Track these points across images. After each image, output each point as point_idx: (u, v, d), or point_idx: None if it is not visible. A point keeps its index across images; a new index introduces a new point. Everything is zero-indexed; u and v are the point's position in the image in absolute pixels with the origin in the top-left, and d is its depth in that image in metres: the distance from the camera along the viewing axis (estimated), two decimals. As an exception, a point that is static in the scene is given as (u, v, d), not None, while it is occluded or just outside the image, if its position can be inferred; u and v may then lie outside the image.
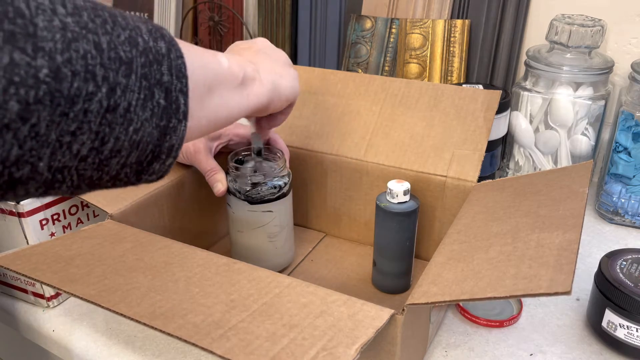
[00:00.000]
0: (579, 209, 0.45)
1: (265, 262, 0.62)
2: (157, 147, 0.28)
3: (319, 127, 0.69)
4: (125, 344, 0.54)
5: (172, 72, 0.28)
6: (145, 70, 0.26)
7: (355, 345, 0.35)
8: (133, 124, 0.26)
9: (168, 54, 0.28)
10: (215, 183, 0.60)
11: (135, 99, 0.26)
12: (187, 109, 0.29)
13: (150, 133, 0.27)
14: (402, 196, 0.57)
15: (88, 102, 0.24)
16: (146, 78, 0.26)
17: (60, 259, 0.45)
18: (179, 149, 0.30)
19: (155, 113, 0.27)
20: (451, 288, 0.39)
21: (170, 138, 0.29)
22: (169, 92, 0.28)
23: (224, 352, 0.34)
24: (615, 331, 0.51)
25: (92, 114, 0.24)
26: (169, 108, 0.28)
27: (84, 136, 0.24)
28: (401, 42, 0.92)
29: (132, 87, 0.26)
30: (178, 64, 0.28)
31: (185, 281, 0.42)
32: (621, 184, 0.73)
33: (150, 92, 0.27)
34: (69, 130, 0.24)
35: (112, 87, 0.25)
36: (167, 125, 0.28)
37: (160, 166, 0.30)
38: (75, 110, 0.23)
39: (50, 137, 0.23)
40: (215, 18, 1.10)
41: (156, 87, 0.27)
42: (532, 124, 0.77)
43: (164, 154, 0.29)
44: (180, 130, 0.29)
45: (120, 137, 0.26)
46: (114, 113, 0.25)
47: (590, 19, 0.75)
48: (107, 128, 0.25)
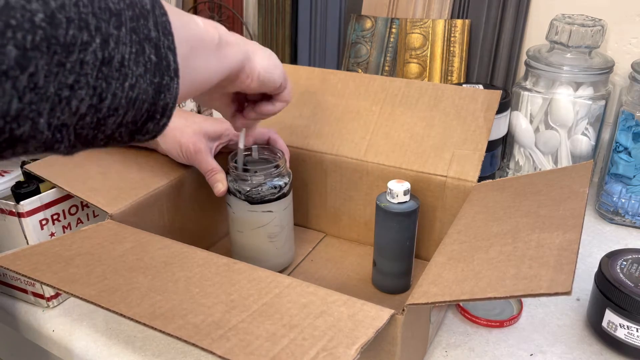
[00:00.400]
0: (579, 209, 0.45)
1: (265, 262, 0.62)
2: (152, 105, 0.28)
3: (319, 127, 0.69)
4: (125, 344, 0.54)
5: (159, 29, 0.28)
6: (133, 24, 0.26)
7: (355, 346, 0.35)
8: (128, 79, 0.26)
9: (153, 10, 0.28)
10: (216, 183, 0.60)
11: (128, 52, 0.26)
12: (177, 66, 0.29)
13: (145, 90, 0.27)
14: (402, 196, 0.57)
15: (83, 52, 0.24)
16: (135, 32, 0.26)
17: (60, 259, 0.45)
18: (173, 108, 0.30)
19: (149, 69, 0.27)
20: (451, 288, 0.39)
21: (165, 96, 0.29)
22: (159, 49, 0.28)
23: (224, 352, 0.34)
24: (616, 331, 0.51)
25: (89, 65, 0.24)
26: (160, 64, 0.28)
27: (82, 91, 0.24)
28: (401, 42, 0.92)
29: (123, 39, 0.25)
30: (163, 21, 0.28)
31: (185, 281, 0.42)
32: (621, 184, 0.73)
33: (141, 46, 0.26)
34: (67, 83, 0.24)
35: (105, 39, 0.24)
36: (160, 82, 0.28)
37: (154, 126, 0.30)
38: (72, 60, 0.23)
39: (49, 90, 0.23)
40: (215, 18, 1.10)
41: (145, 42, 0.27)
42: (532, 124, 0.77)
43: (158, 113, 0.29)
44: (174, 88, 0.29)
45: (117, 93, 0.26)
46: (109, 66, 0.25)
47: (591, 19, 0.75)
48: (103, 82, 0.25)
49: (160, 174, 0.62)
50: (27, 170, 0.57)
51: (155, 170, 0.62)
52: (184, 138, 0.60)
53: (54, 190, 0.57)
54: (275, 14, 1.03)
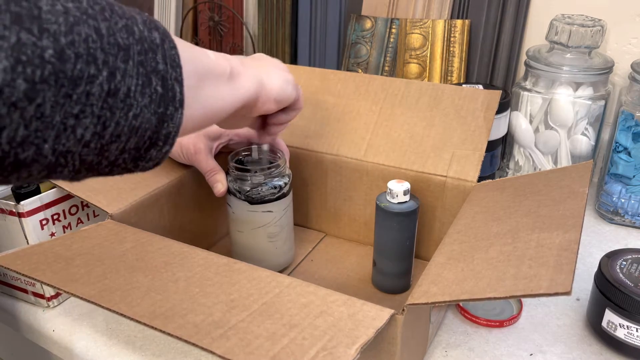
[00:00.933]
0: (579, 209, 0.45)
1: (265, 262, 0.62)
2: (155, 133, 0.29)
3: (319, 127, 0.69)
4: (125, 344, 0.54)
5: (167, 62, 0.29)
6: (141, 57, 0.27)
7: (355, 345, 0.35)
8: (133, 109, 0.27)
9: (162, 44, 0.29)
10: (215, 183, 0.60)
11: (134, 84, 0.27)
12: (182, 97, 0.30)
13: (148, 119, 0.28)
14: (402, 196, 0.57)
15: (90, 84, 0.25)
16: (143, 65, 0.27)
17: (61, 259, 0.45)
18: (176, 137, 0.31)
19: (154, 100, 0.28)
20: (451, 288, 0.39)
21: (168, 125, 0.30)
22: (165, 80, 0.29)
23: (224, 351, 0.34)
24: (615, 331, 0.51)
25: (94, 97, 0.25)
26: (166, 95, 0.29)
27: (87, 120, 0.25)
28: (401, 42, 0.92)
29: (130, 72, 0.26)
30: (172, 54, 0.29)
31: (186, 281, 0.42)
32: (621, 184, 0.73)
33: (147, 78, 0.27)
34: (73, 113, 0.24)
35: (112, 72, 0.25)
36: (164, 112, 0.29)
37: (157, 153, 0.31)
38: (78, 92, 0.24)
39: (55, 119, 0.24)
40: (215, 18, 1.10)
41: (153, 74, 0.28)
42: (532, 124, 0.77)
43: (161, 141, 0.30)
44: (177, 117, 0.30)
45: (121, 122, 0.27)
46: (115, 97, 0.26)
47: (590, 19, 0.75)
48: (108, 112, 0.26)
49: (160, 174, 0.62)
50: (27, 170, 0.57)
51: (155, 170, 0.62)
52: (184, 138, 0.60)
53: (54, 190, 0.57)
54: (275, 14, 1.03)
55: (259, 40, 1.07)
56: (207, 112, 0.36)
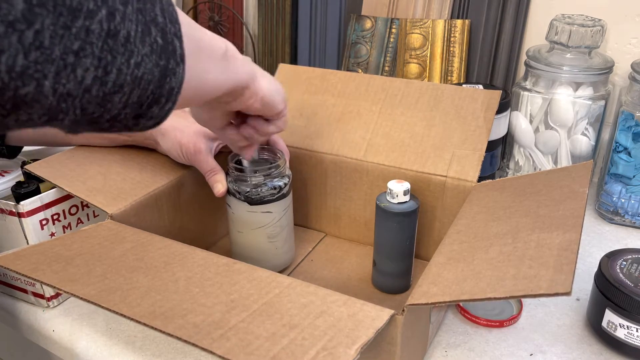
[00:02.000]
0: (579, 209, 0.45)
1: (265, 262, 0.62)
2: (157, 88, 0.29)
3: (319, 127, 0.69)
4: (125, 344, 0.54)
5: (165, 16, 0.28)
6: (140, 5, 0.26)
7: (355, 346, 0.35)
8: (134, 57, 0.26)
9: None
10: (215, 184, 0.60)
11: (134, 30, 0.26)
12: (183, 52, 0.29)
13: (151, 70, 0.28)
14: (402, 196, 0.57)
15: (89, 19, 0.24)
16: (142, 13, 0.26)
17: (61, 259, 0.45)
18: (178, 94, 0.30)
19: (154, 50, 0.27)
20: (451, 288, 0.39)
21: (170, 80, 0.29)
22: (165, 33, 0.28)
23: (224, 352, 0.34)
24: (615, 331, 0.51)
25: (94, 35, 0.24)
26: (166, 48, 0.28)
27: (87, 60, 0.25)
28: (401, 42, 0.92)
29: (129, 16, 0.26)
30: (170, 10, 0.29)
31: (185, 281, 0.42)
32: (621, 184, 0.73)
33: (146, 27, 0.27)
34: (73, 49, 0.24)
35: (111, 12, 0.25)
36: (166, 65, 0.28)
37: (159, 110, 0.30)
38: (77, 25, 0.24)
39: (55, 53, 0.23)
40: (215, 18, 1.10)
41: (152, 24, 0.27)
42: (532, 124, 0.77)
43: (164, 97, 0.29)
44: (179, 73, 0.29)
45: (123, 68, 0.26)
46: (115, 39, 0.25)
47: (590, 19, 0.75)
48: (109, 55, 0.25)
49: (160, 174, 0.62)
50: (27, 170, 0.57)
51: (156, 170, 0.62)
52: (184, 138, 0.60)
53: (54, 190, 0.57)
54: (275, 14, 1.03)
55: (259, 40, 1.07)
56: (199, 84, 0.35)
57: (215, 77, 0.37)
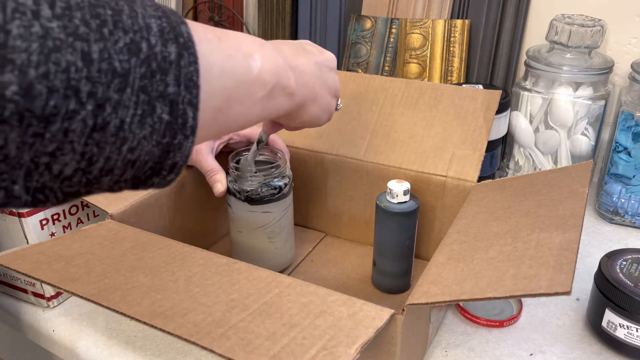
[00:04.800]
0: (579, 208, 0.45)
1: (265, 262, 0.62)
2: (157, 164, 0.26)
3: (319, 127, 0.69)
4: (125, 343, 0.54)
5: (180, 82, 0.25)
6: (144, 82, 0.23)
7: (355, 345, 0.35)
8: (128, 143, 0.24)
9: (178, 61, 0.25)
10: (215, 183, 0.60)
11: (131, 115, 0.23)
12: (195, 124, 0.26)
13: (149, 151, 0.25)
14: (402, 196, 0.57)
15: (68, 120, 0.21)
16: (145, 91, 0.23)
17: (61, 258, 0.45)
18: (182, 167, 0.27)
19: (157, 130, 0.24)
20: (451, 288, 0.39)
21: (174, 155, 0.26)
22: (175, 105, 0.25)
23: (224, 351, 0.34)
24: (615, 331, 0.51)
25: (75, 133, 0.22)
26: (173, 123, 0.25)
27: (66, 157, 0.22)
28: (401, 42, 0.92)
29: (125, 102, 0.23)
30: (189, 72, 0.25)
31: (186, 281, 0.42)
32: (621, 184, 0.73)
33: (150, 106, 0.24)
34: (46, 152, 0.21)
35: (99, 104, 0.22)
36: (170, 142, 0.25)
37: (161, 180, 0.27)
38: (53, 130, 0.21)
39: (23, 159, 0.21)
40: (215, 18, 1.10)
41: (158, 100, 0.24)
42: (532, 124, 0.77)
43: (165, 170, 0.27)
44: (187, 147, 0.26)
45: (112, 156, 0.24)
46: (103, 132, 0.22)
47: (590, 19, 0.75)
48: (94, 148, 0.23)
49: (160, 174, 0.62)
50: (27, 170, 0.57)
51: (156, 170, 0.62)
52: None
53: (54, 190, 0.57)
54: (275, 14, 1.03)
55: (259, 40, 1.07)
56: (225, 129, 0.32)
57: (248, 118, 0.33)
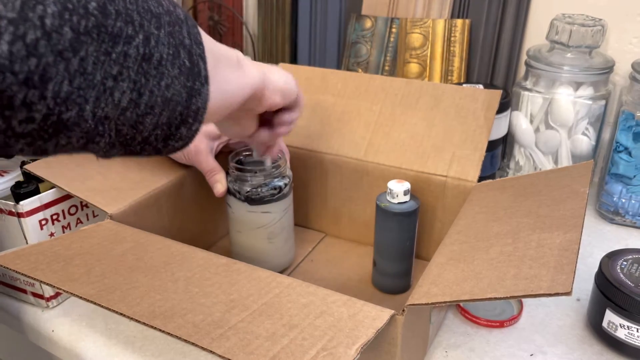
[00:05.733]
0: (580, 209, 0.45)
1: (264, 262, 0.61)
2: (185, 108, 0.30)
3: (319, 127, 0.69)
4: (124, 344, 0.54)
5: (191, 38, 0.30)
6: (170, 28, 0.28)
7: (355, 346, 0.35)
8: (165, 79, 0.28)
9: (186, 21, 0.30)
10: (215, 184, 0.60)
11: (166, 53, 0.28)
12: (207, 74, 0.31)
13: (179, 92, 0.29)
14: (402, 196, 0.57)
15: (128, 45, 0.25)
16: (172, 36, 0.28)
17: (60, 259, 0.45)
18: (204, 114, 0.31)
19: (183, 72, 0.29)
20: (452, 288, 0.39)
21: (196, 100, 0.30)
22: (191, 55, 0.29)
23: (223, 351, 0.34)
24: (616, 331, 0.51)
25: (131, 59, 0.26)
26: (193, 70, 0.30)
27: (124, 83, 0.26)
28: (401, 41, 0.92)
29: (162, 40, 0.27)
30: (195, 32, 0.30)
31: (185, 281, 0.42)
32: (622, 184, 0.73)
33: (176, 50, 0.28)
34: (112, 74, 0.25)
35: (147, 36, 0.26)
36: (192, 86, 0.30)
37: (187, 131, 0.31)
38: (117, 51, 0.25)
39: (96, 78, 0.25)
40: (215, 18, 1.10)
41: (180, 47, 0.29)
42: (532, 123, 0.77)
43: (190, 117, 0.31)
44: (204, 93, 0.31)
45: (154, 90, 0.28)
46: (149, 63, 0.27)
47: (591, 19, 0.75)
48: (143, 78, 0.27)
49: (160, 174, 0.62)
50: (26, 170, 0.57)
51: (155, 170, 0.62)
52: None
53: (54, 190, 0.56)
54: (275, 14, 1.03)
55: (259, 40, 1.07)
56: (223, 96, 0.36)
57: (236, 83, 0.38)
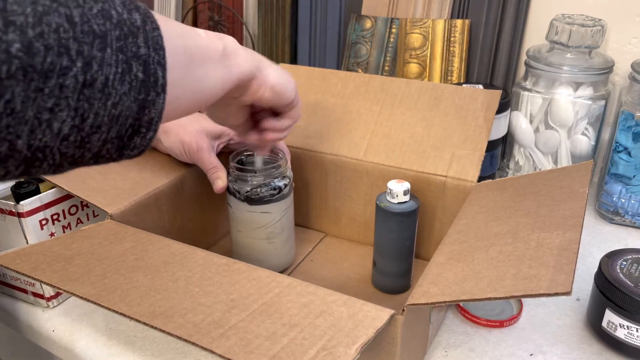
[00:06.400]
0: (579, 208, 0.45)
1: (264, 262, 0.61)
2: (136, 120, 0.28)
3: (319, 127, 0.69)
4: (125, 344, 0.54)
5: (149, 44, 0.28)
6: (120, 43, 0.26)
7: (355, 345, 0.35)
8: (112, 98, 0.26)
9: (144, 26, 0.28)
10: (216, 180, 0.60)
11: (113, 72, 0.26)
12: (165, 82, 0.29)
13: (129, 107, 0.27)
14: (402, 196, 0.57)
15: (63, 76, 0.24)
16: (122, 51, 0.26)
17: (60, 258, 0.45)
18: (159, 123, 0.30)
19: (134, 86, 0.27)
20: (451, 288, 0.39)
21: (150, 111, 0.29)
22: (147, 65, 0.28)
23: (223, 351, 0.34)
24: (616, 331, 0.51)
25: (69, 89, 0.24)
26: (147, 81, 0.28)
27: (63, 113, 0.24)
28: (401, 42, 0.92)
29: (108, 60, 0.25)
30: (154, 36, 0.28)
31: (185, 281, 0.42)
32: (621, 184, 0.73)
33: (127, 65, 0.27)
34: (47, 107, 0.24)
35: (87, 62, 0.25)
36: (145, 98, 0.28)
37: (141, 140, 0.30)
38: (50, 85, 0.23)
39: (28, 114, 0.23)
40: (215, 18, 1.10)
41: (133, 60, 0.27)
42: (532, 123, 0.77)
43: (144, 127, 0.29)
44: (159, 103, 0.29)
45: (100, 112, 0.26)
46: (92, 88, 0.25)
47: (591, 19, 0.75)
48: (85, 104, 0.25)
49: (160, 174, 0.62)
50: (27, 170, 0.57)
51: (156, 170, 0.62)
52: (186, 136, 0.60)
53: (54, 190, 0.57)
54: (275, 14, 1.03)
55: (259, 40, 1.07)
56: (196, 93, 0.35)
57: (216, 78, 0.36)
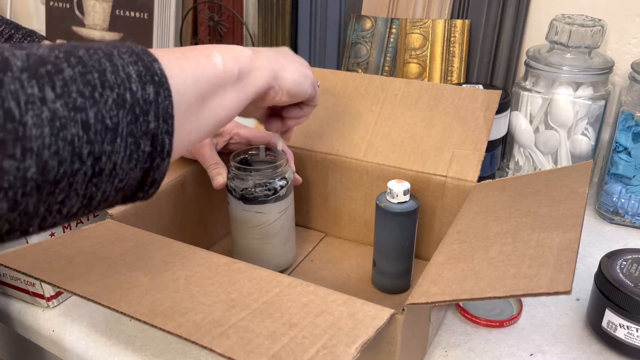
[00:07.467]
0: (579, 208, 0.45)
1: (261, 261, 0.61)
2: (140, 183, 0.30)
3: (319, 127, 0.69)
4: (125, 344, 0.54)
5: (159, 117, 0.28)
6: (131, 127, 0.27)
7: (355, 344, 0.35)
8: (118, 177, 0.27)
9: (156, 99, 0.28)
10: (216, 176, 0.60)
11: (121, 157, 0.27)
12: (171, 148, 0.30)
13: (134, 177, 0.29)
14: (402, 196, 0.57)
15: (72, 177, 0.25)
16: (132, 134, 0.27)
17: (61, 258, 0.45)
18: (162, 181, 0.31)
19: (140, 160, 0.28)
20: (451, 288, 0.39)
21: (154, 174, 0.30)
22: (155, 137, 0.28)
23: (224, 350, 0.34)
24: (615, 331, 0.51)
25: (78, 184, 0.25)
26: (154, 152, 0.29)
27: (71, 201, 0.26)
28: (401, 42, 0.92)
29: (117, 149, 0.26)
30: (165, 106, 0.29)
31: (186, 280, 0.42)
32: (621, 184, 0.73)
33: (136, 145, 0.27)
34: (57, 201, 0.25)
35: (96, 157, 0.25)
36: (150, 166, 0.29)
37: (144, 194, 0.31)
38: (61, 187, 0.24)
39: (39, 211, 0.24)
40: (215, 18, 1.10)
41: (142, 138, 0.28)
42: (532, 124, 0.77)
43: (147, 186, 0.30)
44: (163, 167, 0.30)
45: (107, 189, 0.27)
46: (100, 176, 0.26)
47: (591, 19, 0.75)
48: (93, 188, 0.26)
49: (160, 174, 0.62)
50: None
51: (156, 169, 0.62)
52: None
53: (54, 189, 0.56)
54: (275, 14, 1.03)
55: (259, 40, 1.07)
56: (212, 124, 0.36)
57: (231, 102, 0.37)
